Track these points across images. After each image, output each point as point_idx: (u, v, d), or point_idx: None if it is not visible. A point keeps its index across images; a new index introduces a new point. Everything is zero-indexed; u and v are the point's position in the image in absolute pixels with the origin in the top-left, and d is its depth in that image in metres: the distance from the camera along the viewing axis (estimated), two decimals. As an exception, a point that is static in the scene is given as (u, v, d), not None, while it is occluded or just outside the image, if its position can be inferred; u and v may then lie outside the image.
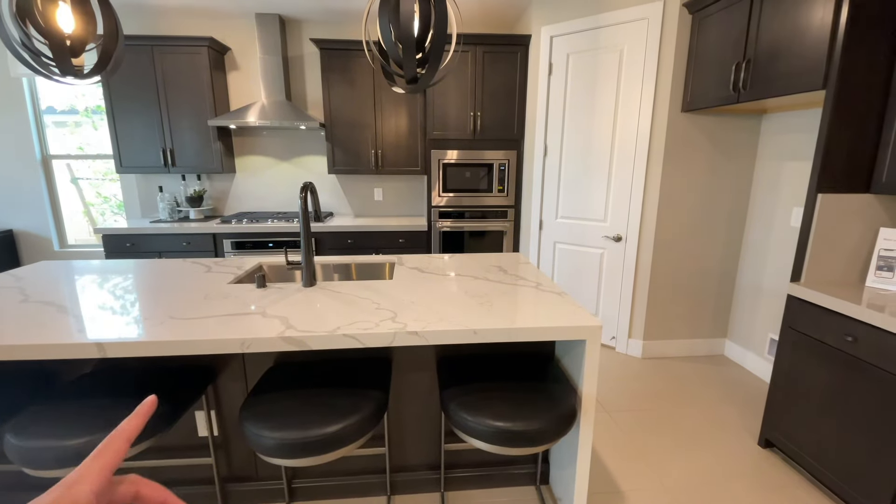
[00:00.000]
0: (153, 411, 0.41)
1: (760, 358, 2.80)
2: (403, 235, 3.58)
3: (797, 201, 2.54)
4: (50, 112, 3.94)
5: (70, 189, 4.11)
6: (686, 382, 2.72)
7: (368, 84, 3.49)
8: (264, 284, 1.72)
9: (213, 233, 3.39)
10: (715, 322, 3.07)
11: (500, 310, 1.46)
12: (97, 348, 1.21)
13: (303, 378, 1.44)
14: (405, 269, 2.04)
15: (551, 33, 3.10)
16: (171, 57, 3.34)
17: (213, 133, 3.49)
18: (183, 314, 1.42)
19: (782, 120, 2.61)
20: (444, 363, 1.57)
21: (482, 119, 3.49)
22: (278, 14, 3.46)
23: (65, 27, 1.58)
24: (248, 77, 3.74)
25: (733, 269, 2.99)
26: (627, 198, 2.93)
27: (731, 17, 2.29)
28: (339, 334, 1.26)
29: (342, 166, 3.64)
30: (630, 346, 3.08)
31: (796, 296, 1.89)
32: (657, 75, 2.69)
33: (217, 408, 1.68)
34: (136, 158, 3.49)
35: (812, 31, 1.85)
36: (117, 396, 1.34)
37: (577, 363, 1.42)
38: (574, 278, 3.30)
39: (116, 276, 1.90)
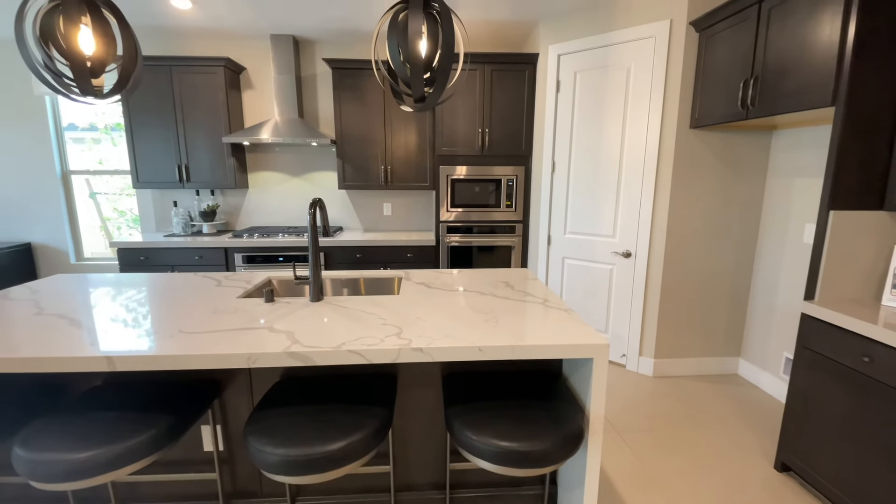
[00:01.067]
0: None
1: (776, 377, 2.73)
2: (412, 250, 3.59)
3: (809, 218, 2.51)
4: (71, 129, 4.06)
5: (88, 203, 4.21)
6: (699, 402, 2.65)
7: (379, 102, 3.56)
8: (273, 299, 1.74)
9: (225, 247, 3.44)
10: (728, 340, 3.01)
11: (506, 326, 1.45)
12: (107, 362, 1.22)
13: (308, 393, 1.44)
14: (412, 284, 2.04)
15: (559, 52, 3.14)
16: (188, 76, 3.44)
17: (227, 149, 3.57)
18: (192, 328, 1.43)
19: (793, 136, 2.60)
20: (449, 380, 1.56)
21: (490, 135, 3.52)
22: (292, 35, 3.57)
23: (86, 49, 1.64)
24: (262, 95, 3.83)
25: (745, 286, 2.94)
26: (636, 214, 2.91)
27: (737, 34, 2.30)
28: (344, 350, 1.26)
29: (352, 182, 3.68)
30: (641, 364, 3.03)
31: (811, 314, 1.85)
32: (665, 92, 2.70)
33: (223, 422, 1.69)
34: (152, 174, 3.58)
35: (819, 48, 1.85)
36: (125, 410, 1.35)
37: (585, 382, 1.40)
38: (583, 294, 3.28)
39: (129, 289, 1.93)
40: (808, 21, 1.90)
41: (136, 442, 1.21)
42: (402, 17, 1.50)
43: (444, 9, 1.45)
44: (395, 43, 1.54)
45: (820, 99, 1.85)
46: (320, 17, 3.20)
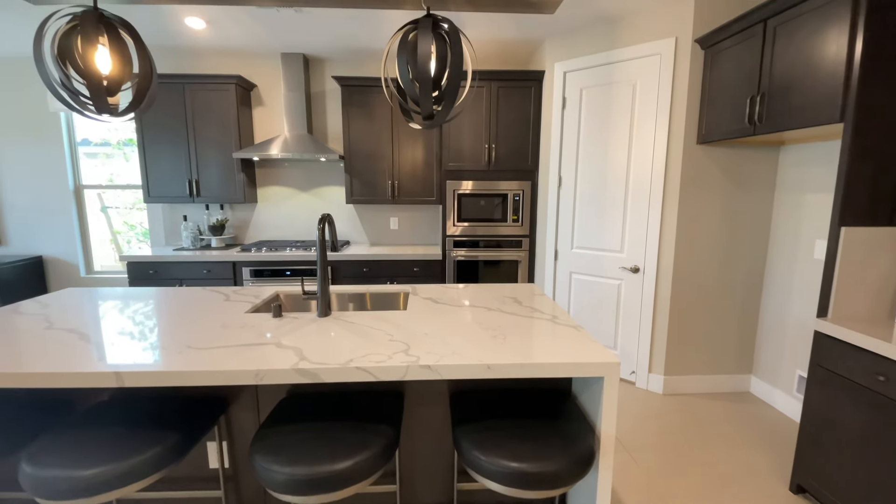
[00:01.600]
0: None
1: (789, 396, 2.68)
2: (418, 264, 3.59)
3: (820, 234, 2.49)
4: (84, 144, 4.14)
5: (99, 217, 4.27)
6: (711, 421, 2.60)
7: (386, 118, 3.60)
8: (281, 314, 1.74)
9: (233, 261, 3.46)
10: (739, 357, 2.96)
11: (514, 344, 1.44)
12: (115, 378, 1.23)
13: (315, 410, 1.43)
14: (419, 299, 2.04)
15: (565, 69, 3.17)
16: (200, 94, 3.51)
17: (237, 165, 3.62)
18: (200, 343, 1.43)
19: (801, 151, 2.59)
20: (457, 398, 1.55)
21: (497, 151, 3.54)
22: (303, 54, 3.64)
23: (102, 68, 1.68)
24: (272, 112, 3.90)
25: (756, 303, 2.91)
26: (644, 229, 2.90)
27: (743, 51, 2.32)
28: (351, 367, 1.26)
29: (360, 196, 3.71)
30: (651, 381, 2.99)
31: (824, 332, 1.82)
32: (671, 108, 2.72)
33: (228, 439, 1.67)
34: (163, 189, 3.63)
35: (826, 64, 1.86)
36: (132, 425, 1.35)
37: (596, 401, 1.38)
38: (591, 309, 3.25)
39: (138, 303, 1.94)
40: (815, 38, 1.91)
41: (142, 459, 1.20)
42: (411, 37, 1.53)
43: (452, 29, 1.48)
44: (405, 62, 1.57)
45: (828, 115, 1.84)
46: (331, 36, 3.26)
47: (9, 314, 1.77)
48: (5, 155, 3.98)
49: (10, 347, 1.40)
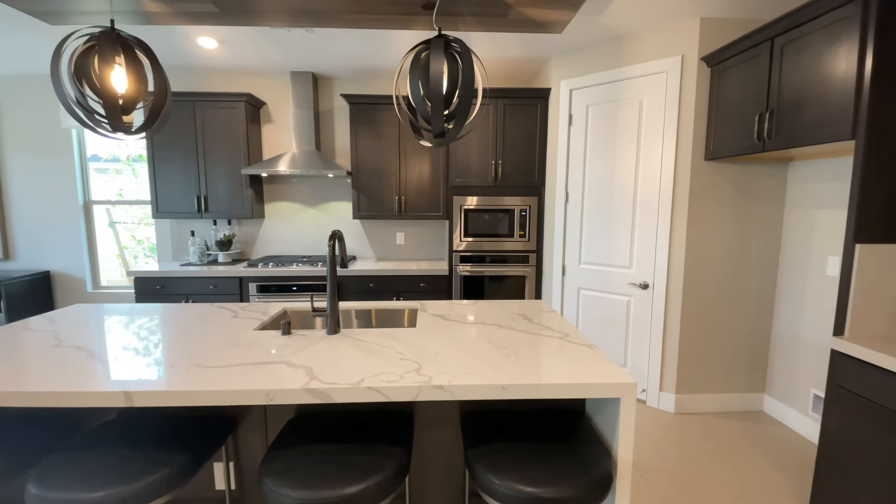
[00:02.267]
0: None
1: (804, 416, 2.62)
2: (425, 280, 3.58)
3: (831, 250, 2.46)
4: (94, 160, 4.19)
5: (107, 232, 4.30)
6: (725, 441, 2.54)
7: (394, 134, 3.63)
8: (289, 331, 1.72)
9: (240, 276, 3.46)
10: (751, 375, 2.91)
11: (527, 363, 1.41)
12: (125, 397, 1.21)
13: (324, 431, 1.40)
14: (428, 315, 2.02)
15: (570, 87, 3.20)
16: (211, 111, 3.56)
17: (245, 181, 3.65)
18: (209, 362, 1.42)
19: (810, 167, 2.58)
20: (468, 418, 1.52)
21: (503, 166, 3.56)
22: (312, 72, 3.69)
23: (118, 88, 1.70)
24: (281, 129, 3.94)
25: (768, 320, 2.87)
26: (653, 245, 2.89)
27: (750, 69, 2.33)
28: (363, 387, 1.24)
29: (366, 212, 3.72)
30: (662, 399, 2.93)
31: (841, 351, 1.78)
32: (678, 125, 2.72)
33: (235, 459, 1.64)
34: (171, 204, 3.66)
35: (836, 81, 1.86)
36: (139, 446, 1.32)
37: (611, 423, 1.35)
38: (600, 326, 3.21)
39: (147, 321, 1.93)
40: (823, 56, 1.92)
41: (150, 481, 1.18)
42: (423, 57, 1.55)
43: (464, 50, 1.49)
44: (417, 81, 1.58)
45: (840, 132, 1.84)
46: (340, 56, 3.31)
47: (18, 330, 1.77)
48: (16, 171, 4.03)
49: (18, 365, 1.39)
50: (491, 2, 1.86)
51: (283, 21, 2.07)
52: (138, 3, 1.97)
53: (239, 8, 1.97)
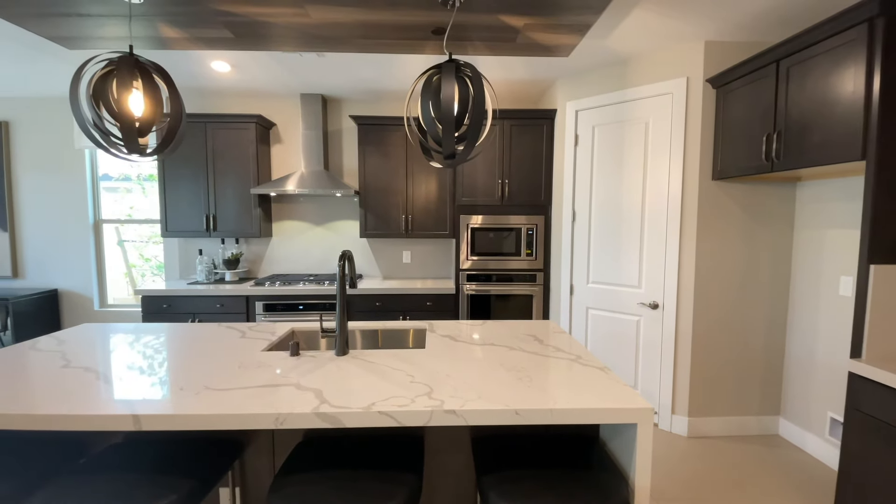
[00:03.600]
0: None
1: (821, 439, 2.55)
2: (431, 298, 3.57)
3: (844, 270, 2.43)
4: (105, 179, 4.25)
5: (115, 251, 4.33)
6: (740, 466, 2.47)
7: (401, 154, 3.67)
8: (298, 352, 1.71)
9: (246, 295, 3.46)
10: (765, 398, 2.85)
11: (540, 386, 1.39)
12: (133, 421, 1.20)
13: (333, 456, 1.37)
14: (437, 336, 2.00)
15: (576, 108, 3.24)
16: (222, 132, 3.62)
17: (254, 200, 3.69)
18: (218, 384, 1.41)
19: (819, 187, 2.58)
20: (480, 443, 1.48)
21: (510, 186, 3.58)
22: (321, 94, 3.76)
23: (135, 111, 1.74)
24: (290, 149, 4.00)
25: (781, 340, 2.82)
26: (662, 265, 2.87)
27: (756, 91, 2.35)
28: (374, 411, 1.22)
29: (373, 231, 3.74)
30: (674, 423, 2.87)
31: (858, 374, 1.74)
32: (685, 145, 2.74)
33: (242, 485, 1.61)
34: (180, 223, 3.69)
35: (844, 102, 1.87)
36: (145, 470, 1.30)
37: (627, 449, 1.32)
38: (609, 346, 3.17)
39: (154, 341, 1.92)
40: (830, 77, 1.94)
41: (156, 509, 1.15)
42: (435, 80, 1.57)
43: (475, 74, 1.51)
44: (428, 103, 1.60)
45: (850, 153, 1.84)
46: (349, 78, 3.38)
47: (26, 351, 1.77)
48: (28, 190, 4.09)
49: (26, 387, 1.38)
50: (500, 27, 1.90)
51: (296, 46, 2.12)
52: (156, 30, 2.03)
53: (253, 34, 2.02)
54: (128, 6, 1.82)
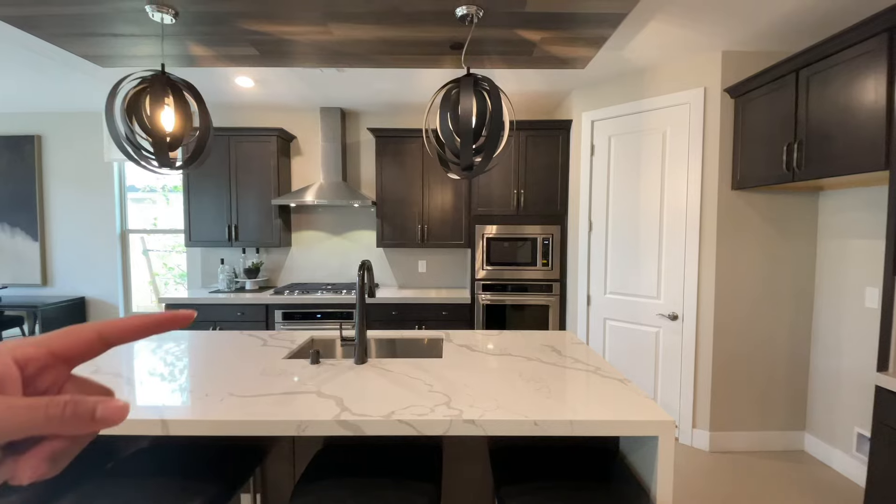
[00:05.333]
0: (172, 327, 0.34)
1: (848, 455, 2.47)
2: (447, 308, 3.58)
3: (870, 281, 2.38)
4: (131, 190, 4.40)
5: (140, 259, 4.46)
6: (764, 483, 2.41)
7: (418, 166, 3.73)
8: (318, 360, 1.74)
9: (266, 304, 3.52)
10: (790, 412, 2.77)
11: (559, 397, 1.39)
12: (161, 426, 1.23)
13: (353, 464, 1.39)
14: (454, 346, 2.01)
15: (592, 118, 3.25)
16: (244, 145, 3.73)
17: (274, 210, 3.77)
18: (241, 391, 1.44)
19: (842, 197, 2.53)
20: (498, 454, 1.49)
21: (525, 196, 3.59)
22: (340, 108, 3.85)
23: (167, 126, 1.81)
24: (309, 161, 4.09)
25: (805, 353, 2.75)
26: (681, 275, 2.84)
27: (776, 100, 2.33)
28: (394, 420, 1.24)
29: (390, 240, 3.78)
30: (695, 437, 2.81)
31: (886, 388, 1.70)
32: (703, 155, 2.72)
33: (263, 491, 1.64)
34: (204, 233, 3.79)
35: (865, 111, 1.85)
36: (171, 475, 1.34)
37: (648, 462, 1.31)
38: (628, 358, 3.14)
39: (179, 348, 1.98)
40: (851, 87, 1.92)
41: (183, 512, 1.19)
42: (454, 94, 1.61)
43: (493, 88, 1.55)
44: (447, 116, 1.64)
45: (873, 162, 1.81)
46: (368, 92, 3.46)
47: (59, 357, 1.83)
48: (59, 201, 4.25)
49: (62, 392, 1.44)
50: (517, 41, 1.93)
51: (318, 62, 2.19)
52: (185, 48, 2.12)
53: (278, 51, 2.10)
54: (160, 27, 1.91)
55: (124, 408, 0.29)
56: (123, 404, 0.29)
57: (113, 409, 0.28)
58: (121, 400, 0.29)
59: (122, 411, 0.28)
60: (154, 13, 1.79)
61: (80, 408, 0.27)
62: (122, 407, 0.28)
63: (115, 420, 0.28)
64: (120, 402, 0.29)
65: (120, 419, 0.28)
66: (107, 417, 0.28)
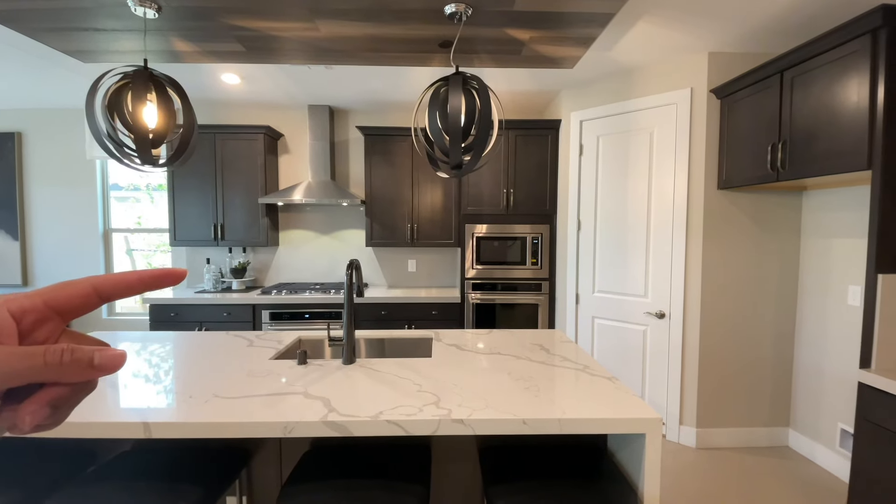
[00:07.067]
0: (165, 284, 0.34)
1: (831, 451, 2.52)
2: (437, 307, 3.57)
3: (852, 279, 2.42)
4: (114, 188, 4.31)
5: (124, 259, 4.37)
6: (750, 478, 2.44)
7: (407, 164, 3.71)
8: (305, 361, 1.72)
9: (253, 304, 3.48)
10: (774, 409, 2.82)
11: (548, 396, 1.39)
12: (144, 428, 1.21)
13: (341, 465, 1.38)
14: (443, 345, 2.01)
15: (581, 118, 3.26)
16: (230, 143, 3.67)
17: (261, 209, 3.72)
18: (227, 392, 1.42)
19: (825, 196, 2.57)
20: (487, 454, 1.48)
21: (515, 195, 3.60)
22: (329, 105, 3.82)
23: (149, 123, 1.77)
24: (297, 159, 4.05)
25: (789, 350, 2.80)
26: (668, 274, 2.86)
27: (761, 101, 2.36)
28: (382, 420, 1.22)
29: (379, 239, 3.76)
30: (682, 434, 2.84)
31: (868, 384, 1.73)
32: (690, 155, 2.75)
33: (249, 494, 1.62)
34: (189, 233, 3.73)
35: (849, 112, 1.88)
36: (154, 479, 1.31)
37: (636, 460, 1.31)
38: (616, 356, 3.16)
39: (164, 349, 1.94)
40: (834, 87, 1.95)
41: (166, 517, 1.16)
42: (442, 92, 1.60)
43: (481, 87, 1.54)
44: (435, 115, 1.63)
45: (855, 162, 1.84)
46: (356, 90, 3.43)
47: (38, 359, 1.78)
48: (39, 200, 4.15)
49: (40, 395, 1.40)
50: (506, 40, 1.93)
51: (305, 59, 2.16)
52: (169, 44, 2.08)
53: (264, 47, 2.07)
54: (143, 21, 1.87)
55: (121, 355, 0.29)
56: (121, 352, 0.29)
57: (110, 356, 0.29)
58: (118, 349, 0.30)
59: (119, 358, 0.29)
60: (136, 7, 1.75)
61: (77, 354, 0.28)
62: (119, 355, 0.29)
63: (113, 366, 0.29)
64: (117, 350, 0.29)
65: (118, 366, 0.29)
66: (104, 364, 0.28)
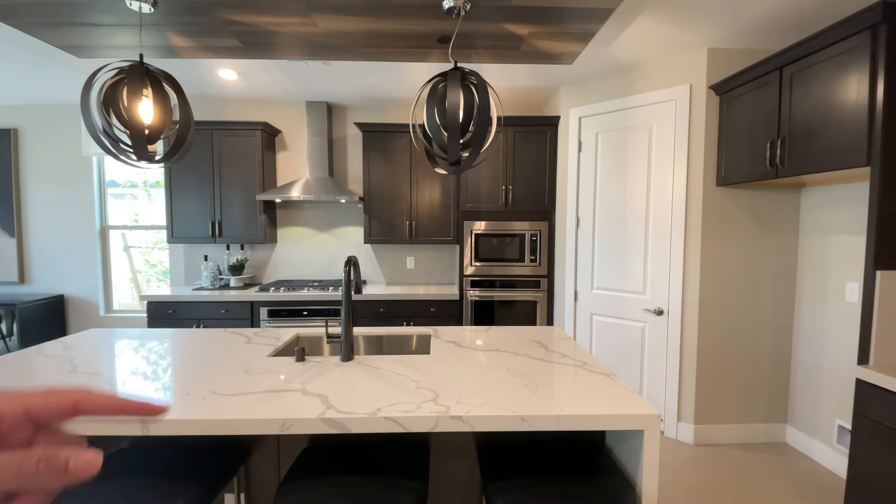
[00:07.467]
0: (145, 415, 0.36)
1: (829, 447, 2.53)
2: (435, 304, 3.57)
3: (850, 276, 2.42)
4: (111, 185, 4.29)
5: (121, 256, 4.35)
6: (748, 475, 2.45)
7: (405, 161, 3.70)
8: (303, 358, 1.72)
9: (251, 301, 3.47)
10: (772, 405, 2.82)
11: (546, 392, 1.39)
12: (141, 425, 1.20)
13: (339, 462, 1.37)
14: (441, 342, 2.00)
15: (580, 114, 3.25)
16: (228, 139, 3.66)
17: (259, 206, 3.71)
18: (224, 389, 1.41)
19: (823, 193, 2.57)
20: (485, 450, 1.48)
21: (513, 192, 3.59)
22: (326, 102, 3.80)
23: (145, 118, 1.76)
24: (295, 155, 4.03)
25: (787, 347, 2.80)
26: (666, 271, 2.86)
27: (760, 97, 2.36)
28: (380, 417, 1.22)
29: (377, 237, 3.75)
30: (680, 430, 2.85)
31: (866, 380, 1.73)
32: (689, 151, 2.74)
33: (247, 491, 1.61)
34: (186, 230, 3.71)
35: (848, 109, 1.87)
36: (152, 476, 1.30)
37: (634, 456, 1.31)
38: (614, 353, 3.16)
39: (161, 346, 1.93)
40: (833, 84, 1.94)
41: (163, 514, 1.16)
42: (441, 88, 1.59)
43: (480, 82, 1.53)
44: (434, 111, 1.62)
45: (854, 159, 1.84)
46: (354, 86, 3.41)
47: (34, 356, 1.78)
48: (36, 196, 4.12)
49: (36, 392, 1.39)
50: (504, 35, 1.92)
51: (303, 55, 2.15)
52: (165, 39, 2.06)
53: (261, 43, 2.05)
54: (138, 16, 1.85)
55: (95, 460, 0.30)
56: (94, 455, 0.30)
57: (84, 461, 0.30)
58: (92, 451, 0.30)
59: (92, 464, 0.30)
60: (132, 2, 1.73)
61: (52, 462, 0.29)
62: (92, 459, 0.30)
63: (86, 473, 0.30)
64: (91, 452, 0.30)
65: (92, 472, 0.30)
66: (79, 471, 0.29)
